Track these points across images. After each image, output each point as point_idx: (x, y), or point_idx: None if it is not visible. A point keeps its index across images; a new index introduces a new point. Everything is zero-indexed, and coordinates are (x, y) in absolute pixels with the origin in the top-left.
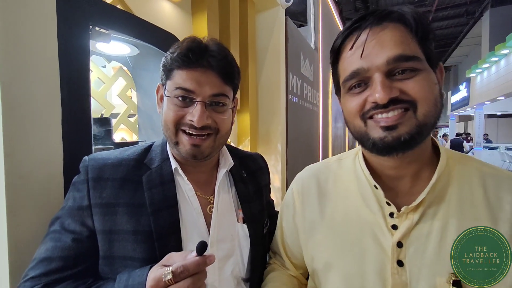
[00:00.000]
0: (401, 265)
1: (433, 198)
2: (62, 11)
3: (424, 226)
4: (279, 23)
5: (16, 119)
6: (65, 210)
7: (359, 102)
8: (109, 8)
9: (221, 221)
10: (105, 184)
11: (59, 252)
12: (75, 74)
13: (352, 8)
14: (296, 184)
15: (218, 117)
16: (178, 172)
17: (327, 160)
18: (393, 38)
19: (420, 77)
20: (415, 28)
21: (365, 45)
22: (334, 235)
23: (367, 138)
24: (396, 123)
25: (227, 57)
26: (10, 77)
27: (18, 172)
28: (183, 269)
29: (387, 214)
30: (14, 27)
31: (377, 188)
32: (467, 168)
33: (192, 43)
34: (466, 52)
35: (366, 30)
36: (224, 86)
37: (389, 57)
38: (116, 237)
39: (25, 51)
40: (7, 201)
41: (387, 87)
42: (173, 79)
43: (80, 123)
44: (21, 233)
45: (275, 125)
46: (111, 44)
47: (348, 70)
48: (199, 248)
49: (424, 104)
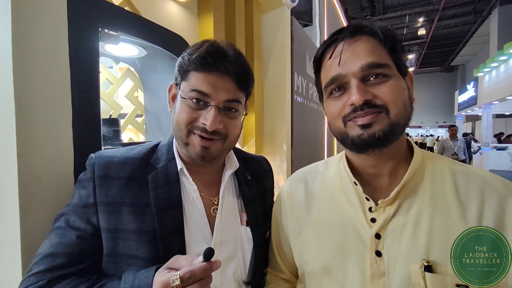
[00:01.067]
0: (379, 255)
1: (407, 193)
2: (73, 14)
3: (399, 218)
4: (284, 23)
5: (29, 120)
6: (70, 207)
7: (339, 105)
8: (118, 11)
9: (225, 223)
10: (111, 182)
11: (64, 248)
12: (85, 76)
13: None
14: (285, 186)
15: (230, 122)
16: (183, 173)
17: (316, 163)
18: (366, 49)
19: (390, 82)
20: (384, 41)
21: (341, 55)
22: (319, 232)
23: (347, 137)
24: (371, 121)
25: (244, 64)
26: (23, 79)
27: (31, 171)
28: (190, 275)
29: (366, 208)
30: (27, 31)
31: (356, 185)
32: (439, 166)
33: (211, 47)
34: (474, 51)
35: (342, 42)
36: (239, 92)
37: (363, 65)
38: (121, 235)
39: (37, 54)
40: (20, 199)
41: (362, 91)
42: (189, 80)
43: (90, 124)
44: (34, 231)
45: (280, 125)
46: (120, 46)
47: (328, 77)
48: (206, 254)
49: (394, 106)
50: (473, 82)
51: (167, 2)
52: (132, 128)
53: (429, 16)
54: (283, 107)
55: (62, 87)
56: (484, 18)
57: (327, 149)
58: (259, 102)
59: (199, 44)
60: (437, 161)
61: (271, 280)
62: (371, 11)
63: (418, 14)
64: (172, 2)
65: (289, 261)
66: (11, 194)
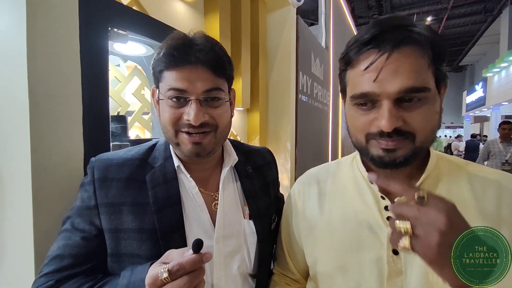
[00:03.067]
0: (396, 253)
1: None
2: (83, 14)
3: None
4: (290, 22)
5: (42, 116)
6: (74, 210)
7: (365, 121)
8: (127, 10)
9: (227, 217)
10: (110, 184)
11: (70, 250)
12: (95, 74)
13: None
14: (297, 186)
15: (215, 112)
16: (181, 170)
17: (327, 163)
18: (409, 67)
19: (425, 108)
20: (433, 57)
21: (380, 71)
22: (332, 231)
23: (366, 152)
24: (395, 147)
25: (214, 48)
26: (36, 77)
27: (44, 166)
28: (179, 267)
29: (382, 207)
30: (41, 31)
31: (372, 183)
32: (456, 170)
33: (177, 40)
34: (483, 50)
35: (384, 55)
36: (217, 79)
37: (401, 88)
38: (122, 235)
39: (50, 53)
40: (33, 192)
41: (394, 117)
42: (164, 80)
43: (99, 121)
44: (46, 223)
45: (284, 124)
46: (128, 45)
47: (359, 90)
48: (195, 246)
49: (422, 134)
50: (481, 82)
51: (174, 1)
52: (139, 125)
53: (437, 15)
54: (287, 106)
55: (73, 85)
56: (494, 17)
57: (331, 148)
58: (264, 100)
59: (165, 41)
60: (454, 164)
61: (279, 282)
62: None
63: (427, 13)
64: (178, 2)
65: (299, 261)
66: (25, 187)
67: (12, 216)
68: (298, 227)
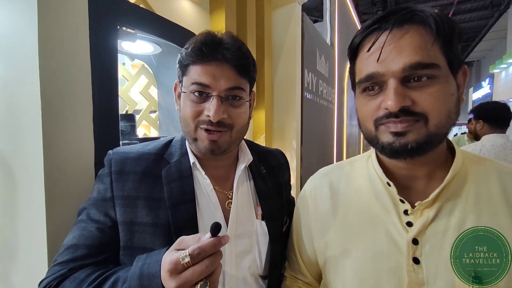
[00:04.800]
0: (417, 262)
1: (449, 195)
2: (93, 13)
3: (440, 223)
4: (295, 19)
5: (54, 115)
6: (91, 201)
7: (373, 107)
8: (135, 9)
9: (240, 216)
10: (126, 177)
11: (85, 240)
12: (104, 73)
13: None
14: (309, 185)
15: (234, 111)
16: (196, 167)
17: (340, 162)
18: (413, 44)
19: (436, 87)
20: (438, 33)
21: (382, 49)
22: (347, 234)
23: (376, 141)
24: (405, 130)
25: (241, 49)
26: (48, 77)
27: (56, 164)
28: (200, 251)
29: (401, 211)
30: (51, 31)
31: (390, 186)
32: (484, 168)
33: (206, 37)
34: (490, 46)
35: (386, 32)
36: (240, 79)
37: (406, 64)
38: (137, 228)
39: (61, 52)
40: (46, 191)
41: (400, 95)
42: (189, 74)
43: (109, 119)
44: (58, 219)
45: (290, 121)
46: (136, 43)
47: (364, 72)
48: (213, 229)
49: (435, 116)
50: (488, 79)
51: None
52: (146, 123)
53: (443, 10)
54: (293, 104)
55: (84, 84)
56: (501, 12)
57: (336, 146)
58: (269, 98)
59: (195, 37)
60: (481, 162)
61: (291, 286)
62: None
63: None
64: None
65: (312, 264)
66: (38, 184)
67: (26, 214)
68: (310, 229)
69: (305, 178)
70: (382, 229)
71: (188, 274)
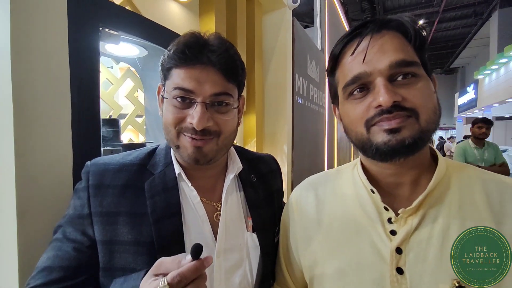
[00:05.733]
0: (401, 272)
1: (432, 202)
2: (73, 13)
3: (424, 231)
4: (285, 24)
5: (27, 120)
6: (66, 218)
7: (362, 108)
8: (118, 10)
9: (229, 229)
10: (105, 191)
11: (60, 261)
12: (85, 75)
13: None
14: (294, 195)
15: (221, 118)
16: (182, 178)
17: (326, 171)
18: (393, 45)
19: (421, 84)
20: (413, 37)
21: (367, 51)
22: (331, 245)
23: (370, 144)
24: (399, 125)
25: (229, 51)
26: (21, 79)
27: (29, 173)
28: (180, 279)
29: (385, 219)
30: (26, 29)
31: (373, 193)
32: (466, 175)
33: (190, 38)
34: (474, 53)
35: (368, 37)
36: (227, 84)
37: (391, 62)
38: (117, 248)
39: (36, 53)
40: (18, 201)
41: (391, 91)
42: (171, 78)
43: (89, 125)
44: (31, 233)
45: (281, 126)
46: (120, 46)
47: (350, 75)
48: (194, 251)
49: (424, 111)
50: (473, 84)
51: (168, 1)
52: (132, 128)
53: (429, 18)
54: (284, 109)
55: (62, 87)
56: (484, 20)
57: (327, 150)
58: (260, 103)
59: (178, 38)
60: (464, 169)
61: None
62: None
63: (418, 16)
64: (173, 2)
65: (297, 277)
66: (8, 196)
67: None
68: (296, 239)
69: (296, 183)
70: (367, 239)
71: None
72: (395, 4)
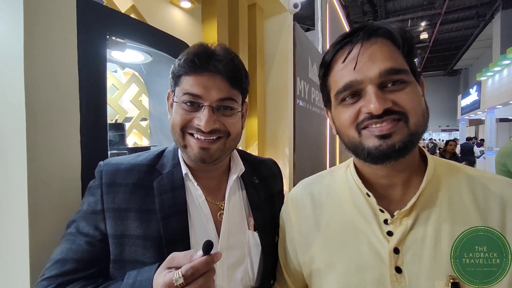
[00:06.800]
0: (400, 271)
1: (424, 203)
2: (82, 22)
3: (418, 231)
4: (287, 28)
5: (39, 125)
6: (80, 214)
7: (352, 112)
8: (125, 18)
9: (231, 227)
10: (117, 189)
11: (73, 254)
12: (93, 82)
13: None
14: (290, 199)
15: (227, 120)
16: (188, 178)
17: (320, 173)
18: (383, 53)
19: (409, 89)
20: (401, 44)
21: (357, 59)
22: (331, 248)
23: (361, 148)
24: (390, 131)
25: (234, 61)
26: (34, 86)
27: (40, 176)
28: (193, 271)
29: (381, 221)
30: (38, 39)
31: (369, 196)
32: (454, 174)
33: (199, 49)
34: (476, 55)
35: (358, 45)
36: (232, 90)
37: (381, 70)
38: (127, 241)
39: (47, 61)
40: (29, 203)
41: (381, 98)
42: (181, 85)
43: (97, 129)
44: (42, 234)
45: (282, 129)
46: (126, 52)
47: (341, 83)
48: (206, 247)
49: (414, 115)
50: (476, 86)
51: (172, 9)
52: (136, 132)
53: (431, 20)
54: (285, 112)
55: (71, 93)
56: (486, 22)
57: (329, 153)
58: (262, 106)
59: (188, 49)
60: (452, 168)
61: None
62: (373, 15)
63: (420, 18)
64: (176, 9)
65: (297, 278)
66: (21, 198)
67: (7, 229)
68: (294, 242)
69: None
70: (365, 241)
71: None
72: (396, 7)
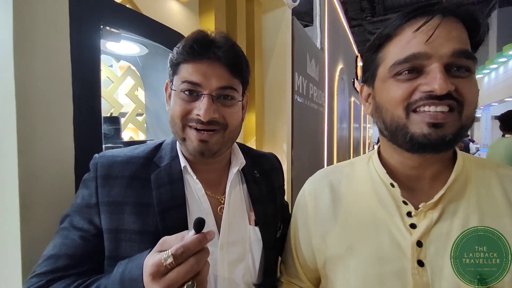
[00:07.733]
0: (422, 265)
1: (452, 196)
2: (74, 11)
3: (444, 224)
4: (285, 23)
5: (30, 117)
6: (74, 207)
7: (407, 90)
8: (119, 8)
9: (232, 222)
10: (113, 182)
11: (66, 249)
12: (86, 73)
13: (357, 8)
14: (308, 187)
15: (227, 111)
16: (187, 171)
17: (339, 163)
18: (458, 33)
19: (471, 79)
20: (474, 31)
21: (434, 31)
22: (349, 238)
23: (405, 131)
24: (444, 121)
25: (234, 48)
26: (24, 76)
27: (32, 169)
28: (183, 250)
29: (404, 213)
30: (28, 28)
31: (393, 187)
32: (483, 169)
33: (198, 35)
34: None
35: (437, 18)
36: (232, 78)
37: (455, 49)
38: (123, 236)
39: (38, 51)
40: (20, 197)
41: (447, 79)
42: (180, 73)
43: (90, 122)
44: (34, 230)
45: (280, 125)
46: (121, 44)
47: (404, 53)
48: (197, 224)
49: (470, 106)
50: None
51: (168, 0)
52: (132, 126)
53: None
54: (283, 107)
55: (63, 85)
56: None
57: (327, 149)
58: (260, 101)
59: (187, 36)
60: (481, 164)
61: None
62: (371, 12)
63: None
64: (173, 1)
65: (310, 268)
66: (11, 192)
67: None
68: (310, 232)
69: (296, 181)
70: (386, 232)
71: (172, 276)
72: (395, 3)
